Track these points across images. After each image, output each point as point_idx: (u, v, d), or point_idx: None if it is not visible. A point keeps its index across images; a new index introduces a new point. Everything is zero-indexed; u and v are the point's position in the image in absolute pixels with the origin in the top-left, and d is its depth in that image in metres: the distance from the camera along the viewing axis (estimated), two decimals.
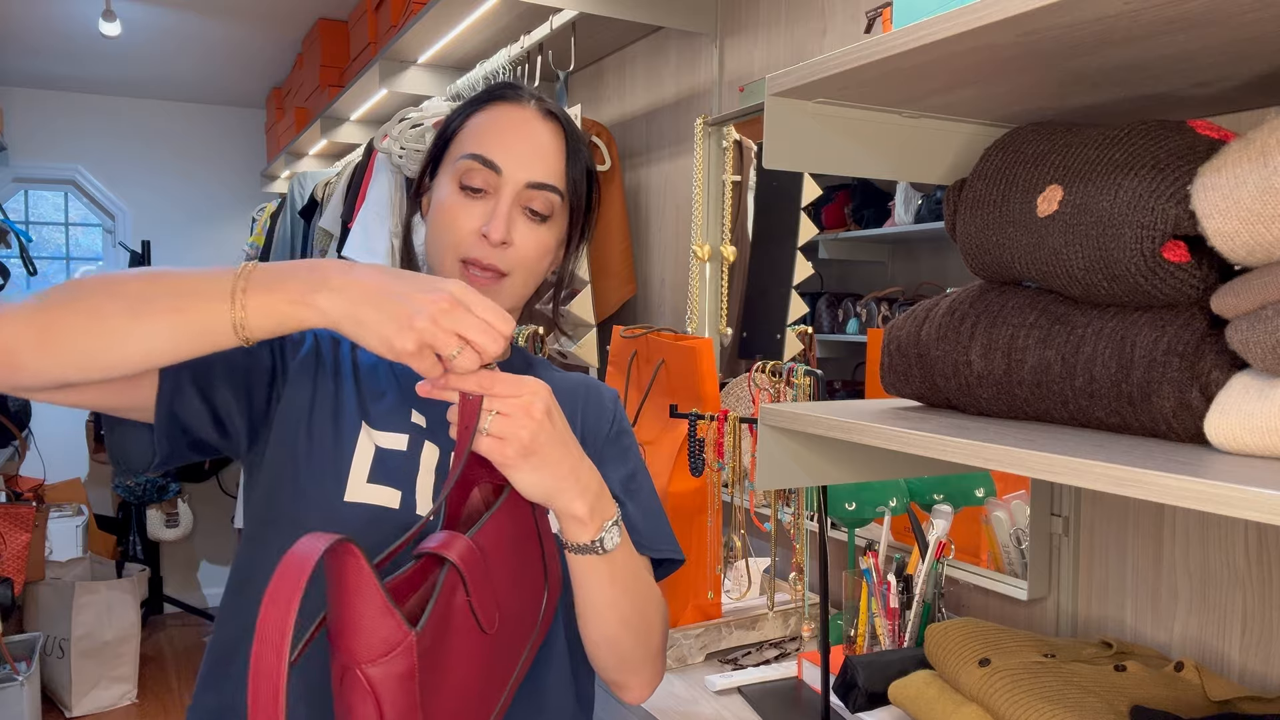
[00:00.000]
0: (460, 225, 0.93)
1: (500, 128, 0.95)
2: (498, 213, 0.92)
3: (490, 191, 0.93)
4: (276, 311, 0.76)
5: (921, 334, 0.92)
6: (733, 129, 1.95)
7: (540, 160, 0.94)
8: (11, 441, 3.60)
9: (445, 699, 0.73)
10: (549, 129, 0.96)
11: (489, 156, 0.93)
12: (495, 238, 0.91)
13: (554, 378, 1.04)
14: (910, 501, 1.38)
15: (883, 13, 1.52)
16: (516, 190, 0.93)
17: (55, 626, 3.42)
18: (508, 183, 0.93)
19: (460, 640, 0.75)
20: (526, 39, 2.22)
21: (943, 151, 1.00)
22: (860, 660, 1.12)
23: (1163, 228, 0.69)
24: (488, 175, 0.93)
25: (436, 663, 0.72)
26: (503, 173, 0.93)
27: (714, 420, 1.43)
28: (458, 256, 0.93)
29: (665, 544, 1.01)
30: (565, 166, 0.96)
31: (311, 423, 0.92)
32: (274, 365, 0.93)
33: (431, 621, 0.71)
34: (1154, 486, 0.59)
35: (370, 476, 0.90)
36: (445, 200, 0.95)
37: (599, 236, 2.35)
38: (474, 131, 0.96)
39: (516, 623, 0.82)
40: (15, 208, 4.66)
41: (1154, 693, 0.96)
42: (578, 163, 0.97)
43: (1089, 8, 0.64)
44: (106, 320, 0.76)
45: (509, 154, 0.93)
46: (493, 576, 0.78)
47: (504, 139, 0.94)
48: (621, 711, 1.34)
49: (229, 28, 3.64)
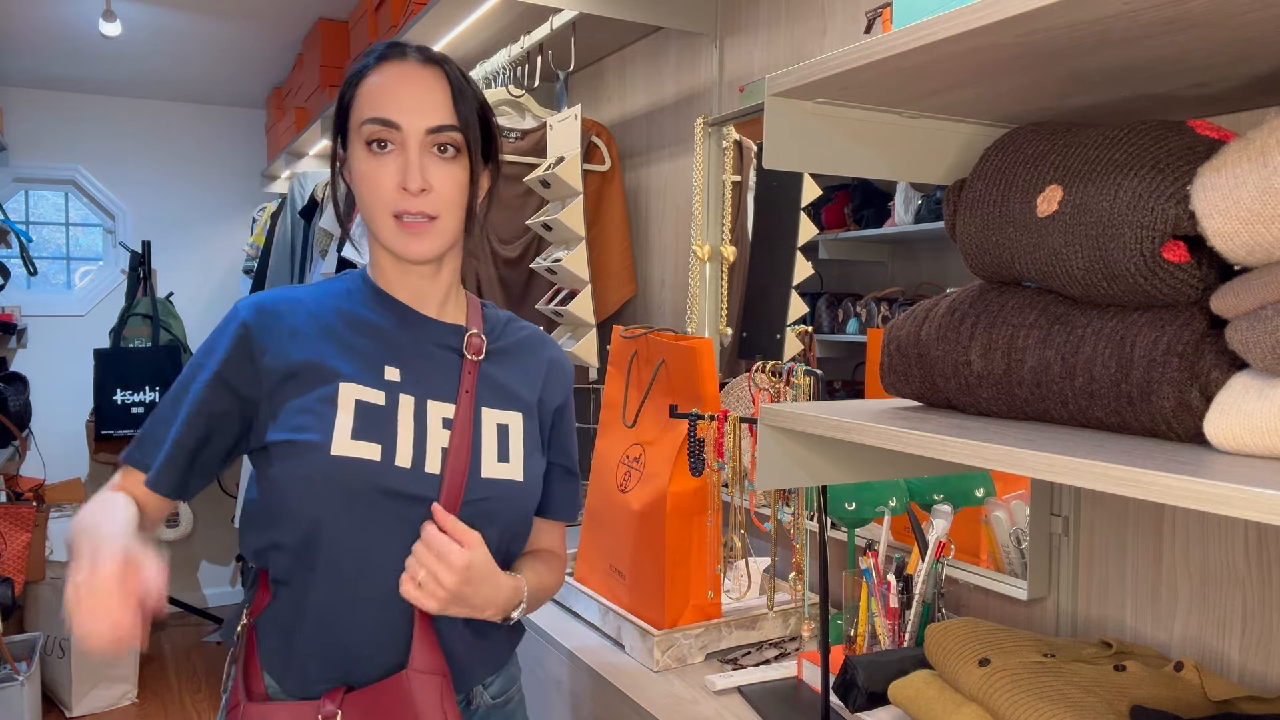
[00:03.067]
0: (381, 185, 1.01)
1: (390, 86, 1.02)
2: (410, 164, 1.00)
3: (397, 145, 1.01)
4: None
5: (921, 334, 0.92)
6: (733, 129, 1.95)
7: (433, 106, 1.02)
8: (12, 441, 3.60)
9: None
10: (433, 75, 1.04)
11: (386, 116, 1.00)
12: (414, 187, 1.00)
13: (522, 339, 1.19)
14: (910, 501, 1.38)
15: (883, 13, 1.52)
16: (419, 138, 1.01)
17: (55, 626, 3.42)
18: (410, 134, 1.01)
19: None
20: (526, 39, 2.22)
21: (943, 152, 1.00)
22: (860, 660, 1.12)
23: (1162, 228, 0.69)
24: (390, 133, 1.01)
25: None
26: (403, 127, 1.00)
27: (714, 420, 1.43)
28: (389, 212, 1.02)
29: (573, 513, 1.24)
30: (454, 105, 1.03)
31: (296, 393, 1.03)
32: (253, 402, 1.05)
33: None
34: (1154, 486, 0.59)
35: (354, 433, 1.01)
36: (360, 166, 1.03)
37: (599, 236, 2.36)
38: (368, 95, 1.03)
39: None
40: (15, 208, 4.66)
41: (1154, 693, 0.96)
42: (465, 99, 1.04)
43: (1089, 8, 0.64)
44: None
45: (403, 108, 1.01)
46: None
47: (396, 96, 1.01)
48: (621, 710, 1.34)
49: (229, 28, 3.64)
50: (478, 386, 1.10)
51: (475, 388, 1.09)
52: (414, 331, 1.10)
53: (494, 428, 1.09)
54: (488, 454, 1.07)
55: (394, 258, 1.07)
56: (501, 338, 1.17)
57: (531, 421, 1.14)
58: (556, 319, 2.23)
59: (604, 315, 2.34)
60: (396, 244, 1.03)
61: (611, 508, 1.61)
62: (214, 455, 1.05)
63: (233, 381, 1.04)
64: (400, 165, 1.01)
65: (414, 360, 1.08)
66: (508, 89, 2.34)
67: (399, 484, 1.01)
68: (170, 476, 1.03)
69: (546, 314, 2.25)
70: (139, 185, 4.77)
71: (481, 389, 1.10)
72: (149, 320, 3.93)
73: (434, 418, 1.05)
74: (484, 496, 1.05)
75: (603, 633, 1.56)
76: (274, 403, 1.03)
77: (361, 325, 1.08)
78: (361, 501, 0.99)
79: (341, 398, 1.02)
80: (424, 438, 1.04)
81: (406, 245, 1.02)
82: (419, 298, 1.11)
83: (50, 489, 3.98)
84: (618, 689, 1.35)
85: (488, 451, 1.07)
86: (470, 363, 1.10)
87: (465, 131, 1.03)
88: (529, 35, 2.22)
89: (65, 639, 3.39)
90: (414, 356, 1.08)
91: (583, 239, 2.15)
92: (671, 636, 1.42)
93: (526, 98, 2.39)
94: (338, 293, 1.11)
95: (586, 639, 1.55)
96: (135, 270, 4.21)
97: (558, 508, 1.21)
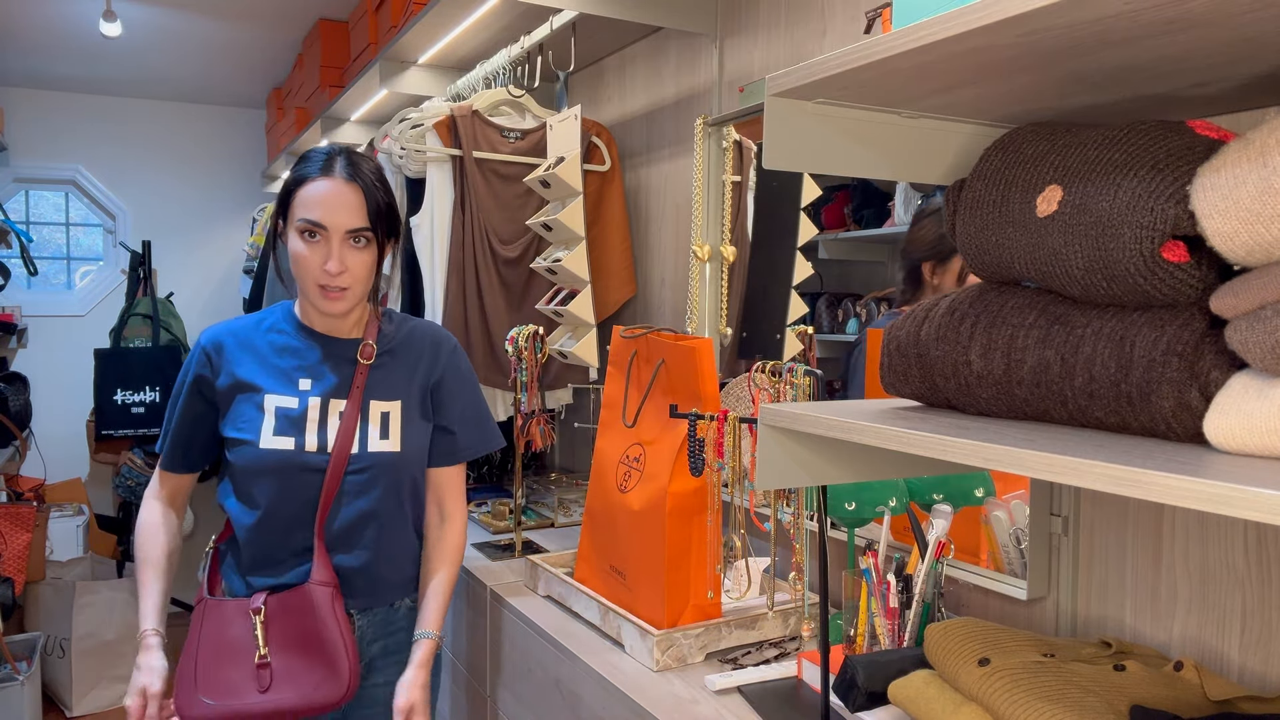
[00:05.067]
0: (312, 264, 1.44)
1: (320, 198, 1.43)
2: (332, 254, 1.43)
3: (323, 238, 1.44)
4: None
5: (921, 334, 0.92)
6: (733, 129, 1.95)
7: (350, 214, 1.44)
8: (12, 441, 3.60)
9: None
10: (353, 190, 1.44)
11: (317, 220, 1.43)
12: (334, 270, 1.44)
13: (408, 334, 1.60)
14: (910, 501, 1.38)
15: (883, 13, 1.52)
16: (340, 237, 1.44)
17: (56, 626, 3.42)
18: (333, 234, 1.44)
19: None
20: (526, 39, 2.22)
21: (942, 152, 1.00)
22: (860, 660, 1.12)
23: (1162, 228, 0.69)
24: (320, 230, 1.43)
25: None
26: (329, 228, 1.43)
27: (714, 420, 1.43)
28: (315, 283, 1.46)
29: (483, 446, 1.64)
30: (368, 211, 1.45)
31: (239, 402, 1.50)
32: (214, 403, 1.53)
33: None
34: (1154, 486, 0.59)
35: (274, 430, 1.48)
36: (296, 248, 1.46)
37: (599, 236, 2.36)
38: (304, 200, 1.44)
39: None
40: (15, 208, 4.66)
41: (1153, 692, 0.96)
42: (375, 203, 1.46)
43: (1089, 8, 0.64)
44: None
45: (330, 215, 1.43)
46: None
47: (324, 206, 1.43)
48: (621, 710, 1.35)
49: (229, 28, 3.64)
50: (367, 384, 1.53)
51: (365, 385, 1.53)
52: (323, 350, 1.54)
53: (379, 415, 1.53)
54: (373, 434, 1.52)
55: (315, 308, 1.51)
56: (394, 340, 1.58)
57: (411, 405, 1.56)
58: (556, 319, 2.23)
59: (604, 315, 2.34)
60: (320, 304, 1.47)
61: (611, 508, 1.61)
62: (203, 439, 1.56)
63: (201, 390, 1.53)
64: (325, 253, 1.44)
65: (322, 371, 1.53)
66: (508, 89, 2.34)
67: (305, 462, 1.48)
68: (176, 458, 1.58)
69: (547, 314, 2.25)
70: (139, 185, 4.77)
71: (371, 386, 1.54)
72: (149, 320, 3.93)
73: (333, 412, 1.51)
74: (367, 465, 1.51)
75: (603, 633, 1.57)
76: (224, 407, 1.52)
77: (284, 349, 1.54)
78: (281, 475, 1.48)
79: (266, 406, 1.49)
80: (325, 428, 1.50)
81: (327, 306, 1.47)
82: (330, 327, 1.56)
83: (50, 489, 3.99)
84: (618, 689, 1.35)
85: (373, 432, 1.52)
86: (363, 366, 1.54)
87: (374, 230, 1.47)
88: (529, 35, 2.22)
89: (65, 639, 3.39)
90: (322, 369, 1.53)
91: (583, 239, 2.15)
92: (671, 636, 1.42)
93: (526, 98, 2.39)
94: (269, 325, 1.56)
95: (586, 639, 1.55)
96: (135, 270, 4.21)
97: (437, 457, 1.61)
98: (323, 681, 1.42)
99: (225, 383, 1.50)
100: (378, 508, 1.52)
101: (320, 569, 1.47)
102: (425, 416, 1.58)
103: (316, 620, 1.44)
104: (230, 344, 1.53)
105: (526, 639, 1.67)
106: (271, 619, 1.45)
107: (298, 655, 1.44)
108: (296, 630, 1.44)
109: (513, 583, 1.86)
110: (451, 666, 2.09)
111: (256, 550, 1.49)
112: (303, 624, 1.44)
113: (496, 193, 2.33)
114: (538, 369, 2.03)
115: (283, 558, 1.49)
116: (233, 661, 1.43)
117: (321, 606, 1.44)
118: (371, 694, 1.57)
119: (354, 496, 1.50)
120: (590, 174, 2.35)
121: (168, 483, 1.59)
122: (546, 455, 2.97)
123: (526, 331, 2.02)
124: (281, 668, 1.43)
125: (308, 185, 1.44)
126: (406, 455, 1.54)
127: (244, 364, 1.51)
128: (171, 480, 1.58)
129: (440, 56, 2.61)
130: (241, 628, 1.45)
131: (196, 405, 1.53)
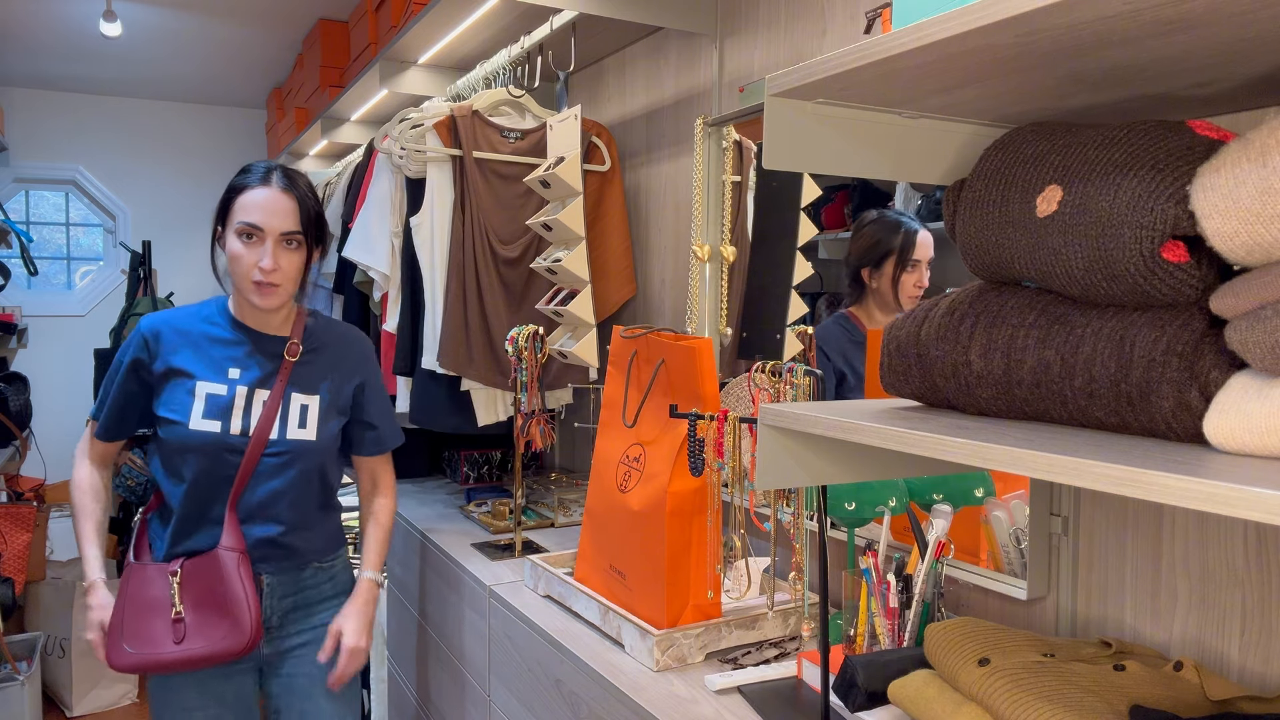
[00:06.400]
0: (247, 263, 1.64)
1: (258, 203, 1.63)
2: (266, 253, 1.63)
3: (259, 239, 1.63)
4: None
5: (921, 334, 0.92)
6: (733, 129, 1.95)
7: (285, 218, 1.64)
8: (12, 441, 3.60)
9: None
10: (288, 198, 1.65)
11: (255, 223, 1.63)
12: (268, 267, 1.63)
13: (334, 338, 1.81)
14: (910, 501, 1.38)
15: (883, 13, 1.52)
16: (275, 239, 1.64)
17: (56, 626, 3.42)
18: (269, 236, 1.63)
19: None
20: (526, 39, 2.22)
21: (942, 152, 1.00)
22: (860, 660, 1.12)
23: (1162, 228, 0.69)
24: (256, 231, 1.63)
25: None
26: (264, 229, 1.63)
27: (714, 420, 1.43)
28: (249, 279, 1.64)
29: (398, 439, 1.90)
30: (299, 217, 1.66)
31: (172, 386, 1.68)
32: (150, 383, 1.71)
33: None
34: (1153, 486, 0.59)
35: (203, 414, 1.67)
36: (234, 247, 1.65)
37: (599, 236, 2.36)
38: (243, 206, 1.64)
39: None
40: (16, 208, 4.66)
41: (1153, 692, 0.96)
42: (307, 211, 1.67)
43: (1089, 8, 0.64)
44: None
45: (266, 219, 1.63)
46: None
47: (261, 210, 1.63)
48: (621, 710, 1.35)
49: (229, 28, 3.64)
50: (290, 378, 1.73)
51: (288, 379, 1.72)
52: (253, 344, 1.73)
53: (299, 406, 1.73)
54: (292, 423, 1.72)
55: (248, 302, 1.69)
56: (318, 340, 1.78)
57: (329, 400, 1.76)
58: (556, 319, 2.23)
59: (604, 315, 2.34)
60: (254, 299, 1.66)
61: (611, 508, 1.61)
62: (134, 415, 1.75)
63: (139, 372, 1.70)
64: (260, 252, 1.63)
65: (250, 363, 1.72)
66: (508, 89, 2.34)
67: (228, 443, 1.67)
68: (110, 429, 1.75)
69: (546, 314, 2.25)
70: (139, 185, 4.77)
71: (293, 380, 1.73)
72: None
73: (258, 401, 1.70)
74: (284, 450, 1.70)
75: (603, 633, 1.57)
76: (159, 389, 1.69)
77: (217, 340, 1.72)
78: (206, 454, 1.66)
79: (197, 391, 1.67)
80: (249, 414, 1.69)
81: (261, 300, 1.66)
82: (260, 323, 1.74)
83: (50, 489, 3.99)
84: (618, 689, 1.35)
85: (292, 421, 1.72)
86: (287, 363, 1.73)
87: (305, 234, 1.67)
88: (529, 35, 2.22)
89: (65, 639, 3.39)
90: (250, 361, 1.72)
91: (583, 239, 2.15)
92: (671, 636, 1.42)
93: (526, 98, 2.39)
94: (205, 317, 1.74)
95: (586, 639, 1.55)
96: (135, 270, 4.21)
97: (360, 446, 1.86)
98: (228, 633, 1.63)
99: (160, 368, 1.69)
100: (289, 487, 1.72)
101: (230, 536, 1.66)
102: (341, 411, 1.79)
103: (224, 581, 1.64)
104: (167, 333, 1.71)
105: (526, 639, 1.67)
106: (186, 580, 1.65)
107: (208, 611, 1.64)
108: (207, 590, 1.65)
109: (513, 583, 1.86)
110: (451, 666, 2.09)
111: (180, 518, 1.68)
112: (212, 585, 1.65)
113: (496, 193, 2.33)
114: (538, 369, 2.03)
115: (203, 526, 1.69)
116: (153, 616, 1.64)
117: (229, 569, 1.64)
118: (288, 643, 1.79)
119: (269, 477, 1.70)
120: (590, 174, 2.35)
121: (98, 447, 1.79)
122: (546, 455, 2.98)
123: (526, 331, 2.02)
124: (194, 622, 1.64)
125: (247, 193, 1.64)
126: (321, 443, 1.74)
127: (180, 352, 1.69)
128: (101, 446, 1.79)
129: (440, 56, 2.61)
130: (161, 587, 1.65)
131: (131, 385, 1.71)
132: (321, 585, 1.81)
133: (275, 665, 1.79)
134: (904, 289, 1.56)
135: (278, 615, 1.77)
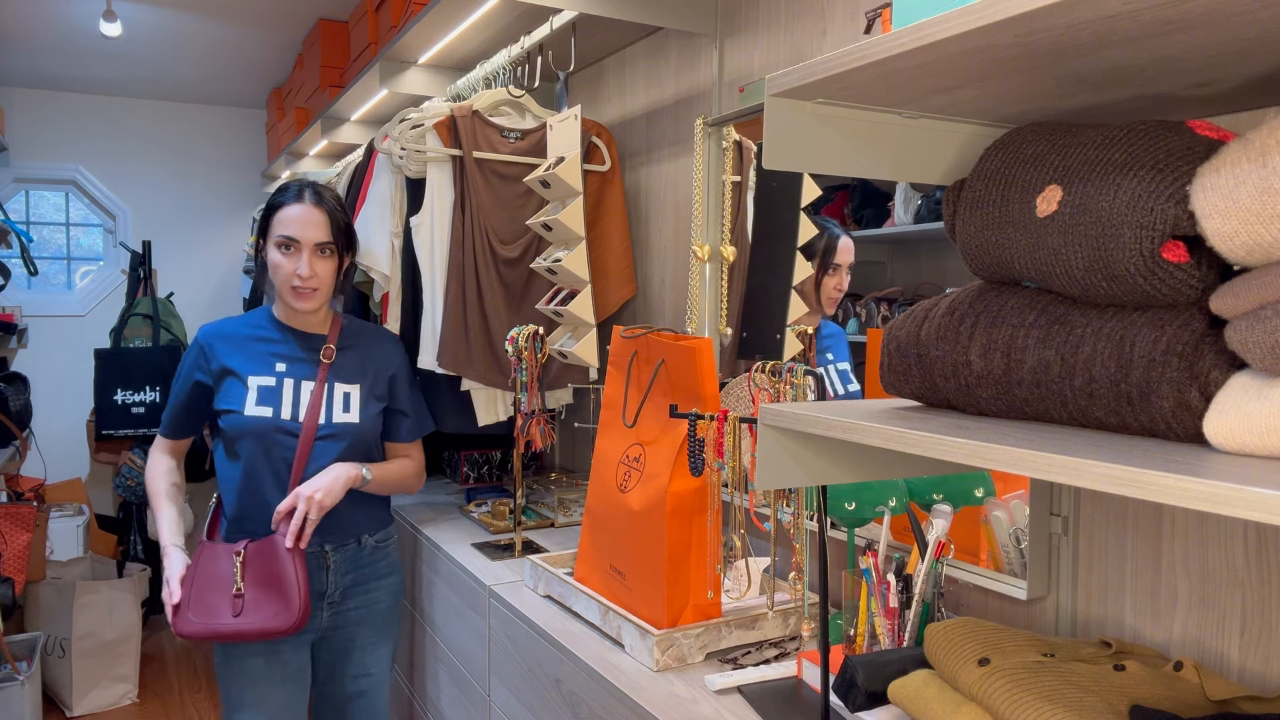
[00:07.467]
0: (287, 271, 1.86)
1: (294, 218, 1.85)
2: (303, 263, 1.85)
3: (296, 250, 1.85)
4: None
5: (921, 334, 0.92)
6: (733, 129, 1.95)
7: (318, 230, 1.86)
8: (12, 441, 3.60)
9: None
10: (320, 212, 1.86)
11: (291, 236, 1.85)
12: (305, 274, 1.85)
13: (364, 338, 2.03)
14: (910, 501, 1.38)
15: (883, 13, 1.52)
16: (310, 249, 1.86)
17: (56, 626, 3.42)
18: (305, 247, 1.85)
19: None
20: (526, 39, 2.22)
21: (942, 152, 1.00)
22: (860, 660, 1.12)
23: (1162, 228, 0.69)
24: (293, 244, 1.85)
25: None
26: (301, 241, 1.85)
27: (714, 420, 1.43)
28: (290, 285, 1.87)
29: (427, 427, 2.10)
30: (331, 229, 1.87)
31: (227, 382, 1.91)
32: (209, 385, 1.93)
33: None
34: (1153, 486, 0.59)
35: (256, 401, 1.88)
36: (274, 258, 1.87)
37: (599, 236, 2.36)
38: (281, 221, 1.86)
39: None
40: (16, 208, 4.66)
41: (1153, 692, 0.96)
42: (337, 223, 1.88)
43: (1089, 8, 0.64)
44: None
45: (302, 231, 1.85)
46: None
47: (297, 224, 1.85)
48: (621, 710, 1.34)
49: (229, 28, 3.64)
50: (331, 371, 1.95)
51: (329, 371, 1.94)
52: (296, 343, 1.96)
53: (342, 394, 1.95)
54: (337, 408, 1.93)
55: (290, 306, 1.92)
56: (351, 339, 2.01)
57: (368, 388, 1.98)
58: (556, 319, 2.23)
59: (604, 315, 2.34)
60: (294, 302, 1.89)
61: (611, 507, 1.61)
62: (196, 412, 1.98)
63: (198, 376, 1.93)
64: (298, 261, 1.85)
65: (294, 358, 1.94)
66: (508, 89, 2.34)
67: (280, 425, 1.88)
68: (174, 428, 2.00)
69: (547, 314, 2.25)
70: (139, 185, 4.77)
71: (334, 371, 1.95)
72: (149, 320, 3.93)
73: (305, 391, 1.92)
74: (332, 432, 1.91)
75: (603, 633, 1.57)
76: (217, 387, 1.91)
77: (263, 340, 1.95)
78: (262, 437, 1.87)
79: (250, 384, 1.89)
80: (298, 402, 1.91)
81: (300, 304, 1.89)
82: (301, 323, 1.97)
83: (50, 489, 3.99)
84: (618, 689, 1.35)
85: (337, 407, 1.93)
86: (326, 360, 1.96)
87: (336, 243, 1.88)
88: (529, 35, 2.22)
89: (65, 639, 3.39)
90: (294, 357, 1.94)
91: (583, 239, 2.15)
92: (671, 636, 1.42)
93: (526, 98, 2.39)
94: (252, 323, 1.97)
95: (586, 639, 1.55)
96: (135, 270, 4.21)
97: (395, 433, 2.05)
98: (279, 611, 1.79)
99: (217, 367, 1.91)
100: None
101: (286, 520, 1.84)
102: (380, 398, 2.00)
103: (279, 563, 1.81)
104: (219, 340, 1.94)
105: (526, 639, 1.67)
106: (249, 560, 1.83)
107: (264, 590, 1.81)
108: (265, 570, 1.82)
109: (513, 582, 1.86)
110: (451, 666, 2.09)
111: (242, 501, 1.89)
112: (269, 566, 1.82)
113: (497, 193, 2.33)
114: (538, 369, 2.03)
115: (260, 508, 1.88)
116: (217, 591, 1.82)
117: (283, 552, 1.81)
118: (345, 616, 1.98)
119: (321, 457, 1.89)
120: (590, 174, 2.35)
121: (166, 445, 2.02)
122: (546, 455, 2.98)
123: (526, 331, 2.02)
124: (251, 599, 1.81)
125: (284, 209, 1.86)
126: (364, 425, 1.95)
127: (231, 356, 1.92)
128: (168, 443, 2.02)
129: (440, 57, 2.61)
130: (226, 566, 1.83)
131: (192, 388, 1.95)
132: (379, 563, 2.01)
133: (328, 634, 1.98)
134: (825, 290, 1.70)
135: (340, 590, 1.96)
